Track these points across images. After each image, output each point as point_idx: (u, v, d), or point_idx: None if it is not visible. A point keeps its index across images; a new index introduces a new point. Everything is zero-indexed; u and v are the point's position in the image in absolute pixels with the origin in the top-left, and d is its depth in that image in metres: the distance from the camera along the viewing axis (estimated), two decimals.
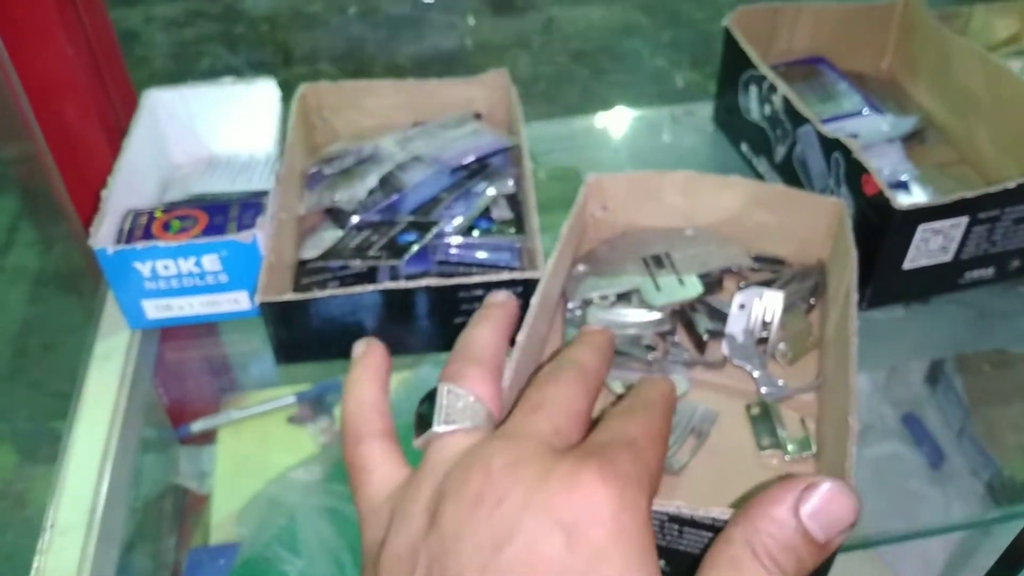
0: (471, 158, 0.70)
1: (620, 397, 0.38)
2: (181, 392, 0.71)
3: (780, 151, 0.70)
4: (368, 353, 0.37)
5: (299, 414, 0.67)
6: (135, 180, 0.66)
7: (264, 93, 0.72)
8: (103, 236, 0.59)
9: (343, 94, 0.74)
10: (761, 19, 0.77)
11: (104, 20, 0.71)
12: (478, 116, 0.75)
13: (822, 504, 0.27)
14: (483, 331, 0.36)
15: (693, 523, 0.44)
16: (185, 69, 1.72)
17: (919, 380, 0.69)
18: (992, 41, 0.81)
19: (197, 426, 0.66)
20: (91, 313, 0.67)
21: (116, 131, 0.70)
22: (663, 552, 0.47)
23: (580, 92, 1.86)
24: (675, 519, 0.44)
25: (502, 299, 0.38)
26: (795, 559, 0.26)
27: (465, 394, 0.32)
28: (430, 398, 0.32)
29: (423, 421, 0.32)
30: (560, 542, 0.25)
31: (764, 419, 0.54)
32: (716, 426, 0.55)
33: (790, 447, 0.53)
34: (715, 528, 0.44)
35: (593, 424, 0.33)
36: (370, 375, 0.36)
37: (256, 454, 0.65)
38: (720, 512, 0.44)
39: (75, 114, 0.68)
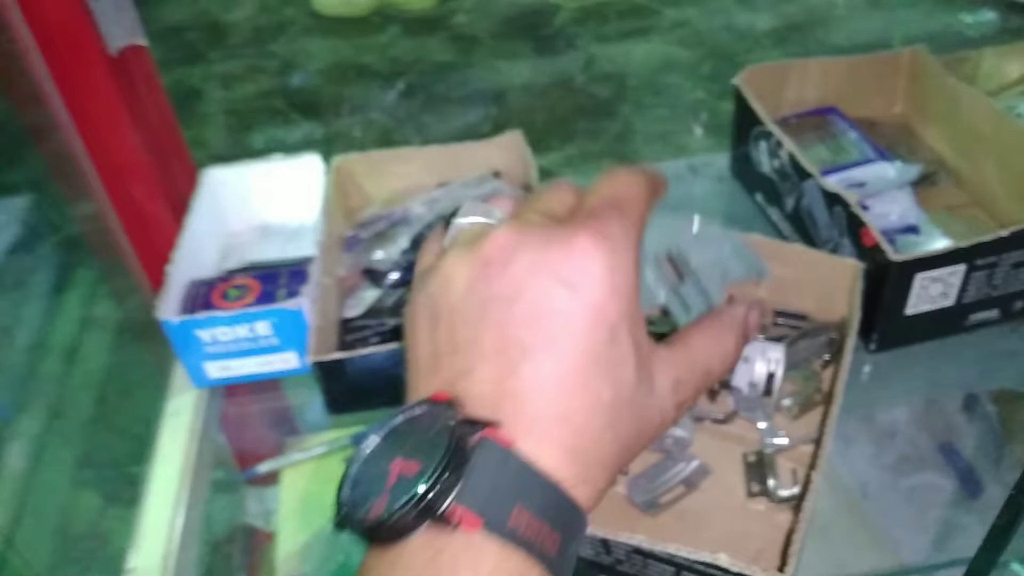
0: None
1: None
2: (247, 439, 0.78)
3: (789, 202, 0.74)
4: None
5: None
6: (197, 251, 0.73)
7: (310, 166, 0.79)
8: (168, 307, 0.66)
9: (373, 162, 0.81)
10: (770, 75, 0.81)
11: (166, 108, 0.79)
12: (497, 174, 0.81)
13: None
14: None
15: (653, 556, 0.49)
16: (246, 124, 1.82)
17: (956, 410, 0.72)
18: (1003, 83, 0.83)
19: (263, 468, 0.72)
20: (162, 362, 0.74)
21: (180, 204, 0.78)
22: None
23: (621, 126, 1.91)
24: (638, 551, 0.49)
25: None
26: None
27: (486, 204, 0.36)
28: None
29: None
30: (565, 295, 0.30)
31: (757, 468, 0.58)
32: (713, 471, 0.59)
33: (777, 495, 0.57)
34: (673, 563, 0.49)
35: None
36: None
37: (317, 493, 0.70)
38: (676, 548, 0.48)
39: (142, 192, 0.76)
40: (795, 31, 1.86)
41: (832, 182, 0.67)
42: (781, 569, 0.47)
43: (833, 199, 0.66)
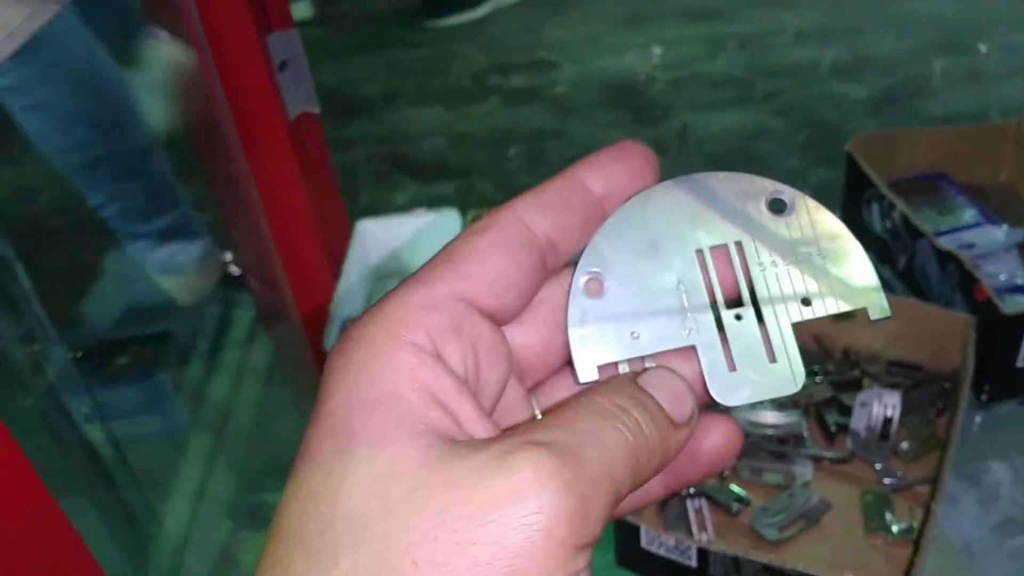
0: None
1: None
2: None
3: (901, 260, 0.78)
4: None
5: None
6: (351, 293, 0.82)
7: (448, 219, 0.88)
8: (331, 339, 0.74)
9: None
10: (881, 142, 0.86)
11: (329, 167, 0.89)
12: None
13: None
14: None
15: (783, 574, 0.54)
16: (362, 185, 1.93)
17: None
18: None
19: None
20: (301, 402, 0.82)
21: (332, 251, 0.86)
22: None
23: None
24: (767, 569, 0.54)
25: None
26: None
27: None
28: None
29: None
30: None
31: (876, 505, 0.62)
32: (832, 508, 0.63)
33: (894, 530, 0.61)
34: None
35: None
36: None
37: None
38: (805, 567, 0.53)
39: (304, 239, 0.85)
40: (892, 101, 1.91)
41: (943, 242, 0.72)
42: None
43: (946, 257, 0.71)
